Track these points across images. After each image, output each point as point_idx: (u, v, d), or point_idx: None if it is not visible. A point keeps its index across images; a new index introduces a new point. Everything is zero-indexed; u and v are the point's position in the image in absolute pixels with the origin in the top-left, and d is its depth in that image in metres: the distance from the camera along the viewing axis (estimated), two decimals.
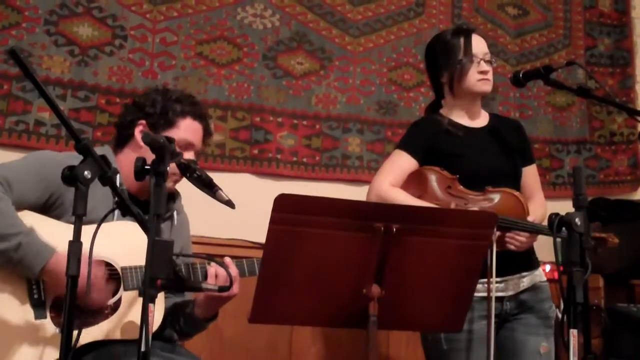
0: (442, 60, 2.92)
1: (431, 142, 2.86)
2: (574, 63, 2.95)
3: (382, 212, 2.03)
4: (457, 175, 2.77)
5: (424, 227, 2.05)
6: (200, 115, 2.57)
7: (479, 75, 2.85)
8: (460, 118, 2.93)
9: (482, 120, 2.98)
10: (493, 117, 3.05)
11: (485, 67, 2.86)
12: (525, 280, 2.82)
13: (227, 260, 2.36)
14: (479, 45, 2.89)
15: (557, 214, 2.15)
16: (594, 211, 2.16)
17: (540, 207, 2.94)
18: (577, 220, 2.10)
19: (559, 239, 2.12)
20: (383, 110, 4.39)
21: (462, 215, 2.29)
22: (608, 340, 3.86)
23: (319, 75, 4.32)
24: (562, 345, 2.17)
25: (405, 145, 2.91)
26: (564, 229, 2.11)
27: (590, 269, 2.11)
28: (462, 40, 2.88)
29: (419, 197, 2.78)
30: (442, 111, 2.97)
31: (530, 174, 3.00)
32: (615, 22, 4.97)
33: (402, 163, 2.86)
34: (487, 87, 2.88)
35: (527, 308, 2.81)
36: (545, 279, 2.89)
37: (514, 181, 2.90)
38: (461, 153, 2.84)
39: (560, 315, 3.21)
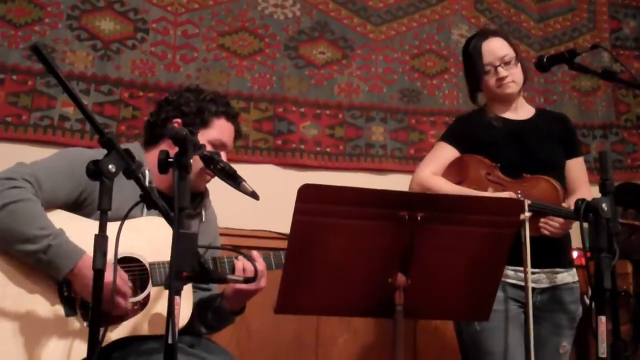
0: (467, 71, 3.02)
1: (472, 133, 2.93)
2: (599, 46, 2.91)
3: (406, 201, 2.02)
4: (498, 164, 2.83)
5: (449, 215, 2.04)
6: (233, 116, 2.59)
7: (497, 82, 2.89)
8: (501, 112, 2.98)
9: (525, 113, 3.01)
10: (539, 111, 3.08)
11: (502, 73, 2.88)
12: (559, 276, 2.83)
13: (255, 254, 2.37)
14: (492, 51, 2.90)
15: (583, 200, 2.13)
16: (621, 196, 2.13)
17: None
18: (604, 205, 2.08)
19: (585, 225, 2.11)
20: (406, 98, 4.37)
21: (486, 202, 2.26)
22: (637, 326, 3.82)
23: (341, 64, 4.30)
24: (590, 332, 2.15)
25: (448, 137, 3.00)
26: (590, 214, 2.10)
27: (618, 255, 2.09)
28: (477, 49, 2.92)
29: (459, 183, 2.86)
30: (484, 104, 3.03)
31: (575, 167, 3.00)
32: None
33: (443, 153, 2.95)
34: (508, 90, 2.90)
35: (559, 308, 2.83)
36: (577, 279, 2.90)
37: (555, 172, 2.90)
38: (498, 142, 2.88)
39: (588, 302, 3.20)
